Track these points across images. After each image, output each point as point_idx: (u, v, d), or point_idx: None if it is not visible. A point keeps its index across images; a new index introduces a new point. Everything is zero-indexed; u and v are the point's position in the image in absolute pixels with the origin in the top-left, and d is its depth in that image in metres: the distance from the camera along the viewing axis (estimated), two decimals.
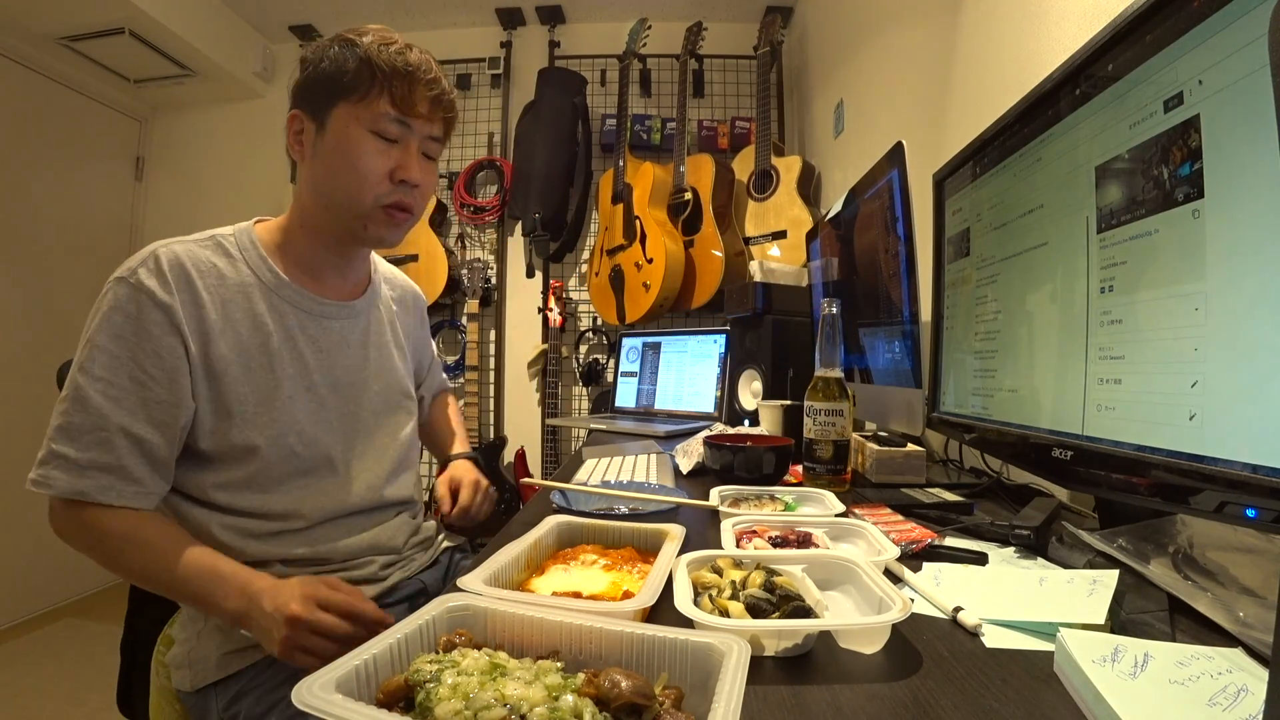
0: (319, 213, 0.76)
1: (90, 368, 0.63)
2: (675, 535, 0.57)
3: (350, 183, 0.72)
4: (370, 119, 0.72)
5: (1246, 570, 0.47)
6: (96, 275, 2.48)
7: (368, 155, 0.72)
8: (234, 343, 0.70)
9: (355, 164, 0.71)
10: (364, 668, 0.31)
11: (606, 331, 2.51)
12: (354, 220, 0.75)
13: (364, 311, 0.85)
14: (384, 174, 0.73)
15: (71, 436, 0.63)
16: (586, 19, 2.64)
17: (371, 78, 0.71)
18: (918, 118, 1.42)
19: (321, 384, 0.77)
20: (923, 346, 0.89)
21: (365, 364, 0.83)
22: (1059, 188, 0.62)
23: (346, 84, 0.71)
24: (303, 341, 0.76)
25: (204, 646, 0.68)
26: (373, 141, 0.72)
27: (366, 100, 0.71)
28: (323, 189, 0.74)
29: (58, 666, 1.87)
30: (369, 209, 0.74)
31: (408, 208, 0.77)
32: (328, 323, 0.79)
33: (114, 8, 2.03)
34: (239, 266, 0.73)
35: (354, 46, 0.72)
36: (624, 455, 1.13)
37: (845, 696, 0.35)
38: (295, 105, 0.74)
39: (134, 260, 0.67)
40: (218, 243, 0.73)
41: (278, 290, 0.75)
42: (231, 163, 2.72)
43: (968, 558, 0.58)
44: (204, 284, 0.69)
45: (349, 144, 0.71)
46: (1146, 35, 0.49)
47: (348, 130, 0.71)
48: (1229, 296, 0.42)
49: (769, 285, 1.45)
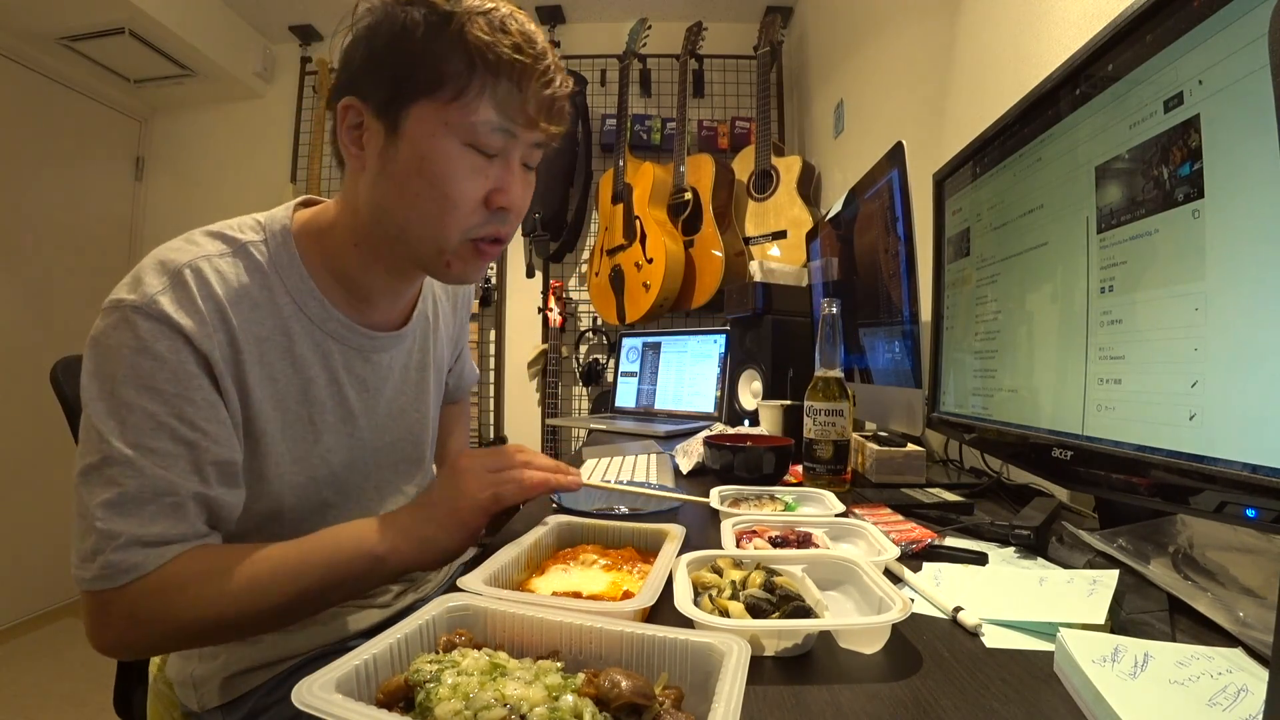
0: (381, 240, 0.60)
1: (131, 436, 0.48)
2: (675, 535, 0.57)
3: (435, 211, 0.56)
4: (467, 129, 0.54)
5: (1246, 570, 0.47)
6: (96, 275, 2.49)
7: (461, 177, 0.55)
8: (271, 394, 0.58)
9: (446, 189, 0.55)
10: (364, 668, 0.31)
11: (606, 331, 2.51)
12: (433, 257, 0.59)
13: (412, 332, 0.72)
14: (479, 200, 0.57)
15: (128, 510, 0.48)
16: (586, 19, 2.64)
17: (471, 70, 0.52)
18: (918, 118, 1.42)
19: (365, 427, 0.67)
20: (923, 346, 0.89)
21: (407, 391, 0.73)
22: (1059, 188, 0.62)
23: (436, 79, 0.53)
24: (348, 383, 0.64)
25: (205, 667, 0.62)
26: (469, 158, 0.55)
27: (463, 101, 0.53)
28: (394, 214, 0.57)
29: (58, 666, 1.87)
30: (455, 244, 0.58)
31: (502, 238, 0.61)
32: (377, 357, 0.67)
33: (114, 8, 2.03)
34: (275, 292, 0.58)
35: (446, 18, 0.52)
36: (624, 455, 1.13)
37: (845, 696, 0.35)
38: (350, 90, 0.56)
39: (150, 280, 0.51)
40: (247, 253, 0.58)
41: (324, 325, 0.61)
42: (231, 163, 2.72)
43: (968, 558, 0.58)
44: (237, 316, 0.54)
45: (438, 161, 0.54)
46: (1146, 35, 0.49)
47: (435, 142, 0.54)
48: (1229, 296, 0.42)
49: (769, 285, 1.46)
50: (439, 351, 0.79)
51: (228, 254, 0.57)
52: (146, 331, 0.50)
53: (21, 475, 2.16)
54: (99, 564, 0.47)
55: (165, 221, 2.70)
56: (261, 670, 0.63)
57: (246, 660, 0.62)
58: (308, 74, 2.68)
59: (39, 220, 2.33)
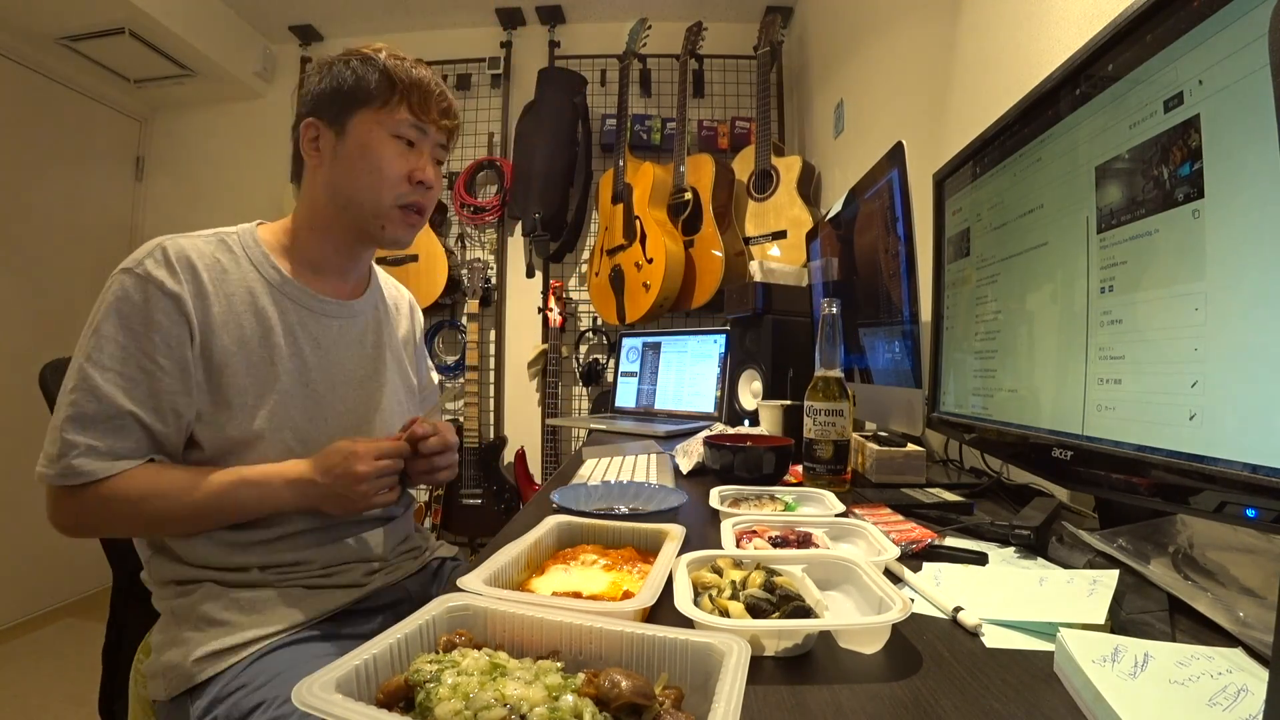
0: (334, 213, 0.79)
1: (98, 357, 0.64)
2: (675, 535, 0.57)
3: (373, 182, 0.77)
4: (392, 125, 0.77)
5: (1246, 570, 0.47)
6: (96, 275, 2.48)
7: (390, 157, 0.77)
8: (236, 335, 0.71)
9: (378, 165, 0.76)
10: (364, 668, 0.31)
11: (606, 331, 2.51)
12: (372, 219, 0.79)
13: (363, 312, 0.86)
14: (403, 175, 0.78)
15: (85, 425, 0.63)
16: (586, 19, 2.64)
17: (391, 88, 0.77)
18: (918, 118, 1.42)
19: (319, 381, 0.78)
20: (923, 346, 0.89)
21: (363, 364, 0.84)
22: (1059, 188, 0.62)
23: (369, 94, 0.76)
24: (303, 338, 0.77)
25: (175, 653, 0.65)
26: (394, 145, 0.77)
27: (388, 108, 0.77)
28: (342, 189, 0.78)
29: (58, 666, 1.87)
30: (388, 208, 0.78)
31: (422, 209, 0.82)
32: (328, 321, 0.81)
33: (114, 8, 2.03)
34: (241, 263, 0.75)
35: (372, 62, 0.77)
36: (624, 455, 1.13)
37: (845, 696, 0.35)
38: (310, 114, 0.78)
39: (139, 253, 0.68)
40: (221, 239, 0.75)
41: (280, 286, 0.77)
42: (231, 163, 2.72)
43: (968, 558, 0.58)
44: (209, 276, 0.71)
45: (372, 146, 0.76)
46: (1146, 35, 0.49)
47: (370, 134, 0.76)
48: (1229, 296, 0.42)
49: (769, 285, 1.46)
50: (395, 344, 0.92)
51: (206, 236, 0.75)
52: (130, 284, 0.66)
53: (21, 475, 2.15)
54: (60, 466, 0.63)
55: (165, 221, 2.70)
56: (228, 653, 0.64)
57: (213, 644, 0.64)
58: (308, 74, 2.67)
59: (39, 220, 2.33)
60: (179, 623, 0.68)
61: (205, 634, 0.66)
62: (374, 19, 2.60)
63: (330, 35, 2.70)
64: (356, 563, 0.78)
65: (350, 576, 0.76)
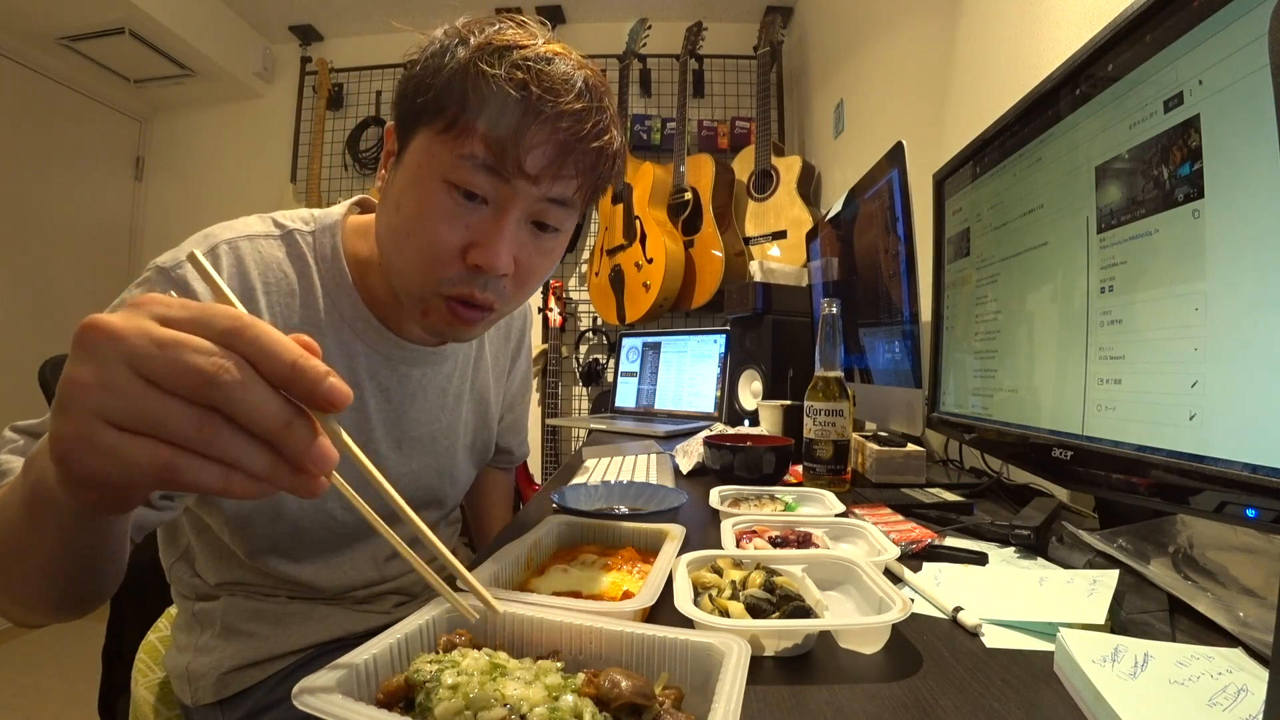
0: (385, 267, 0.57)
1: None
2: (675, 535, 0.57)
3: (409, 249, 0.51)
4: (450, 163, 0.48)
5: (1246, 570, 0.47)
6: (96, 275, 2.49)
7: (433, 217, 0.49)
8: None
9: (414, 227, 0.50)
10: (364, 668, 0.31)
11: (606, 331, 2.51)
12: (408, 297, 0.55)
13: (454, 354, 0.69)
14: (455, 250, 0.50)
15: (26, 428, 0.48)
16: (586, 19, 2.64)
17: (463, 100, 0.47)
18: (918, 118, 1.42)
19: (382, 440, 0.64)
20: (923, 346, 0.89)
21: (440, 415, 0.69)
22: (1059, 188, 0.62)
23: (437, 105, 0.48)
24: (369, 390, 0.62)
25: (200, 662, 0.62)
26: (446, 198, 0.49)
27: (453, 131, 0.48)
28: (383, 243, 0.55)
29: (58, 666, 1.87)
30: (426, 293, 0.53)
31: (480, 305, 0.53)
32: (406, 370, 0.64)
33: (114, 8, 2.03)
34: (312, 282, 0.58)
35: (461, 44, 0.48)
36: (624, 455, 1.13)
37: (845, 696, 0.35)
38: (395, 116, 0.54)
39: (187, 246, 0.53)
40: (292, 239, 0.58)
41: (353, 324, 0.59)
42: (231, 163, 2.72)
43: (968, 558, 0.58)
44: (268, 300, 0.55)
45: (414, 196, 0.50)
46: (1146, 35, 0.49)
47: (418, 172, 0.50)
48: (1229, 296, 0.42)
49: (769, 285, 1.46)
50: (482, 379, 0.74)
51: (274, 236, 0.57)
52: (160, 290, 0.50)
53: None
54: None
55: (165, 221, 2.70)
56: (257, 668, 0.62)
57: (241, 657, 0.62)
58: (308, 74, 2.68)
59: (39, 220, 2.33)
60: (202, 626, 0.64)
61: (232, 645, 0.62)
62: (374, 19, 2.60)
63: (330, 35, 2.70)
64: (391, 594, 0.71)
65: (384, 607, 0.70)
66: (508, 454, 0.93)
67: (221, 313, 0.26)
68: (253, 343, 0.25)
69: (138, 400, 0.24)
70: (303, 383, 0.26)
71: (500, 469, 0.98)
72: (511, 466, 0.98)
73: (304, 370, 0.26)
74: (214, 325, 0.25)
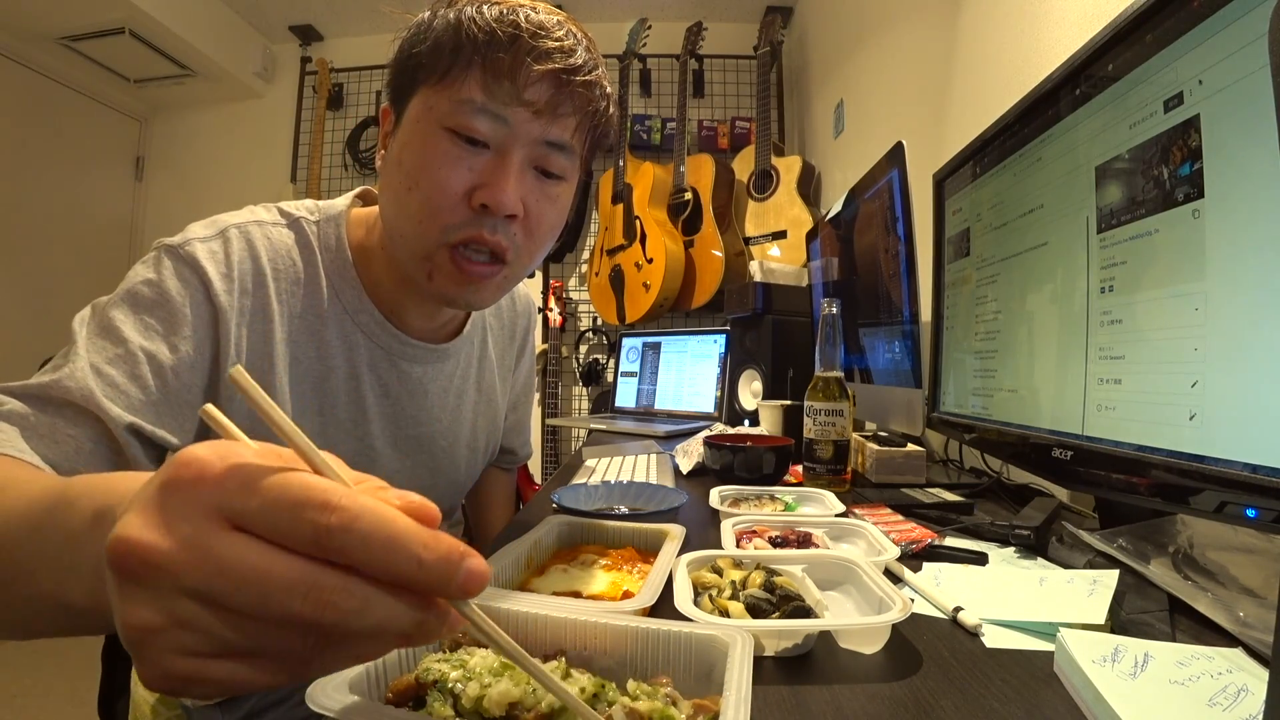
0: (387, 243, 0.56)
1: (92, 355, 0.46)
2: (675, 535, 0.57)
3: (413, 203, 0.50)
4: (448, 109, 0.48)
5: (1246, 570, 0.47)
6: (96, 275, 2.49)
7: (435, 164, 0.49)
8: (291, 372, 0.55)
9: (418, 177, 0.49)
10: (374, 668, 0.32)
11: (606, 331, 2.51)
12: (412, 262, 0.53)
13: (459, 351, 0.68)
14: (459, 194, 0.49)
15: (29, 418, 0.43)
16: (586, 19, 2.63)
17: (457, 48, 0.47)
18: (918, 118, 1.42)
19: (378, 436, 0.62)
20: (923, 346, 0.89)
21: (440, 415, 0.67)
22: (1059, 188, 0.62)
23: (431, 61, 0.49)
24: (368, 384, 0.60)
25: None
26: (447, 144, 0.49)
27: (448, 80, 0.48)
28: (385, 214, 0.55)
29: (58, 666, 1.87)
30: (432, 246, 0.51)
31: (492, 251, 0.52)
32: (407, 367, 0.63)
33: (114, 8, 2.03)
34: (317, 270, 0.57)
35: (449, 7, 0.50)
36: (624, 455, 1.13)
37: (845, 696, 0.35)
38: (388, 96, 0.55)
39: (196, 230, 0.52)
40: (300, 227, 0.57)
41: (355, 315, 0.59)
42: (231, 163, 2.72)
43: (968, 558, 0.58)
44: (277, 287, 0.54)
45: (413, 147, 0.50)
46: (1146, 35, 0.49)
47: (415, 127, 0.50)
48: (1229, 296, 0.42)
49: (769, 285, 1.46)
50: (488, 378, 0.73)
51: (282, 224, 0.57)
52: (168, 268, 0.50)
53: None
54: None
55: (165, 221, 2.70)
56: None
57: None
58: (308, 74, 2.68)
59: (39, 220, 2.33)
60: None
61: None
62: (374, 19, 2.60)
63: (330, 35, 2.70)
64: None
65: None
66: (511, 454, 0.94)
67: (302, 491, 0.19)
68: (361, 542, 0.19)
69: (226, 632, 0.19)
70: (432, 580, 0.19)
71: (503, 469, 0.98)
72: (514, 466, 0.98)
73: (432, 568, 0.19)
74: (300, 520, 0.19)
